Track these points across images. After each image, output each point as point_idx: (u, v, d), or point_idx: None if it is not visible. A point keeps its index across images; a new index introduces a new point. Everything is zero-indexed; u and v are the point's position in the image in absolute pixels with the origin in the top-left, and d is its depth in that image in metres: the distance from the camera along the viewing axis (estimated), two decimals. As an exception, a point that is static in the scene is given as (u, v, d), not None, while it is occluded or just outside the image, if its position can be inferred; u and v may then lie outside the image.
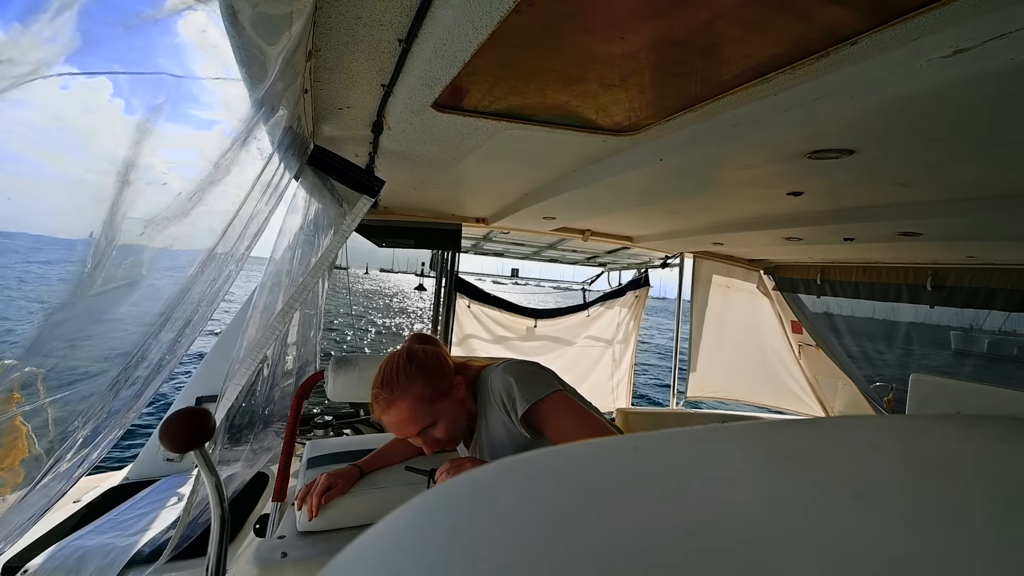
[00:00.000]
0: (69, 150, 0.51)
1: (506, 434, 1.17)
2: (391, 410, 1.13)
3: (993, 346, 2.66)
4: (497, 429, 1.19)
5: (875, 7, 0.68)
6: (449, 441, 1.17)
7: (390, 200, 2.46)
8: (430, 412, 1.13)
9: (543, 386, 1.14)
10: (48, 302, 0.58)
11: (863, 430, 0.42)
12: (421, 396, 1.13)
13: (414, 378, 1.14)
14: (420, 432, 1.14)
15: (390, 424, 1.14)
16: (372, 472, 1.43)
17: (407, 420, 1.12)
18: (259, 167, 0.88)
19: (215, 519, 0.90)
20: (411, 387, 1.13)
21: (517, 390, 1.13)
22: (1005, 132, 0.91)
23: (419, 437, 1.15)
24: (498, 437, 1.19)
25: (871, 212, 1.67)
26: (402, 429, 1.14)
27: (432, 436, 1.16)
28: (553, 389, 1.14)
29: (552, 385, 1.16)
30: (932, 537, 0.25)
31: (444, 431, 1.15)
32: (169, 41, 0.52)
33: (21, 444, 0.62)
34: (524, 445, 1.15)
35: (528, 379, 1.16)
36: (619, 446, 0.35)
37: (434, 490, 0.29)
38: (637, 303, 4.21)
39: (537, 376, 1.18)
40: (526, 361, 1.24)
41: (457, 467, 1.07)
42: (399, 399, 1.12)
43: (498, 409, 1.17)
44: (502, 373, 1.18)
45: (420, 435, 1.14)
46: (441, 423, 1.15)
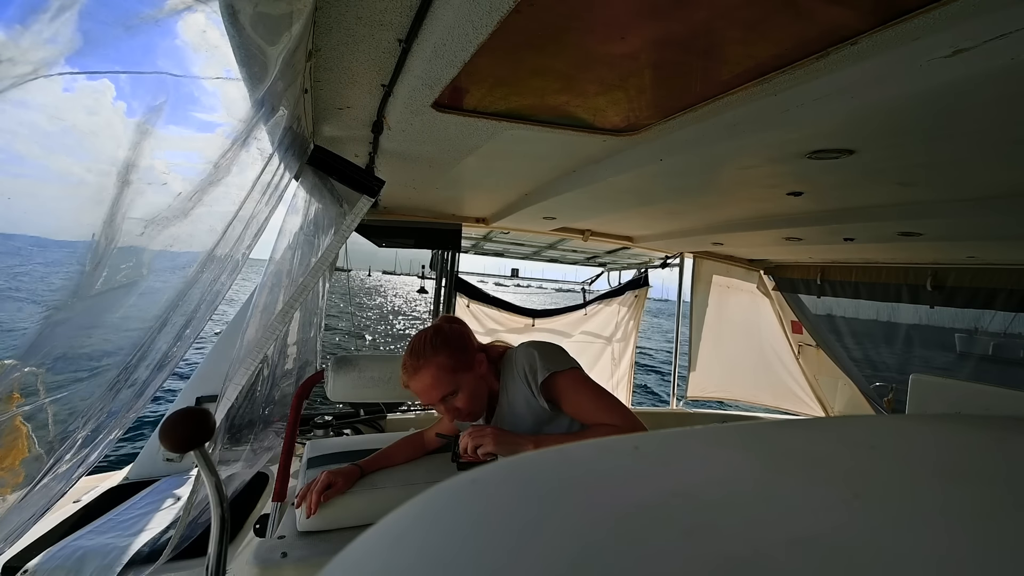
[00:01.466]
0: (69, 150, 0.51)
1: (526, 407, 1.26)
2: (417, 376, 1.22)
3: (998, 348, 2.65)
4: (518, 402, 1.28)
5: (875, 7, 0.68)
6: (469, 412, 1.25)
7: (390, 200, 2.46)
8: (452, 381, 1.22)
9: (564, 360, 1.26)
10: (48, 302, 0.58)
11: (863, 430, 0.42)
12: (444, 365, 1.22)
13: (439, 349, 1.23)
14: (442, 399, 1.23)
15: (416, 390, 1.24)
16: (373, 472, 1.43)
17: (431, 386, 1.21)
18: (259, 167, 0.88)
19: (215, 519, 0.90)
20: (436, 356, 1.22)
21: (539, 360, 1.24)
22: (1005, 132, 0.91)
23: (442, 404, 1.24)
24: (519, 410, 1.28)
25: (871, 212, 1.67)
26: (426, 394, 1.23)
27: (453, 404, 1.24)
28: (573, 365, 1.26)
29: (572, 362, 1.27)
30: (932, 537, 0.25)
31: (464, 400, 1.24)
32: (169, 41, 0.52)
33: (21, 444, 0.62)
34: (543, 417, 1.25)
35: (550, 353, 1.27)
36: (619, 446, 0.35)
37: (434, 490, 0.29)
38: (637, 303, 4.21)
39: (559, 352, 1.29)
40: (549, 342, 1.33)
41: (479, 433, 1.16)
42: (424, 366, 1.21)
43: (521, 382, 1.26)
44: (527, 347, 1.29)
45: (442, 402, 1.23)
46: (462, 393, 1.23)
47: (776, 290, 3.63)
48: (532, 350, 1.27)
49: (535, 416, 1.26)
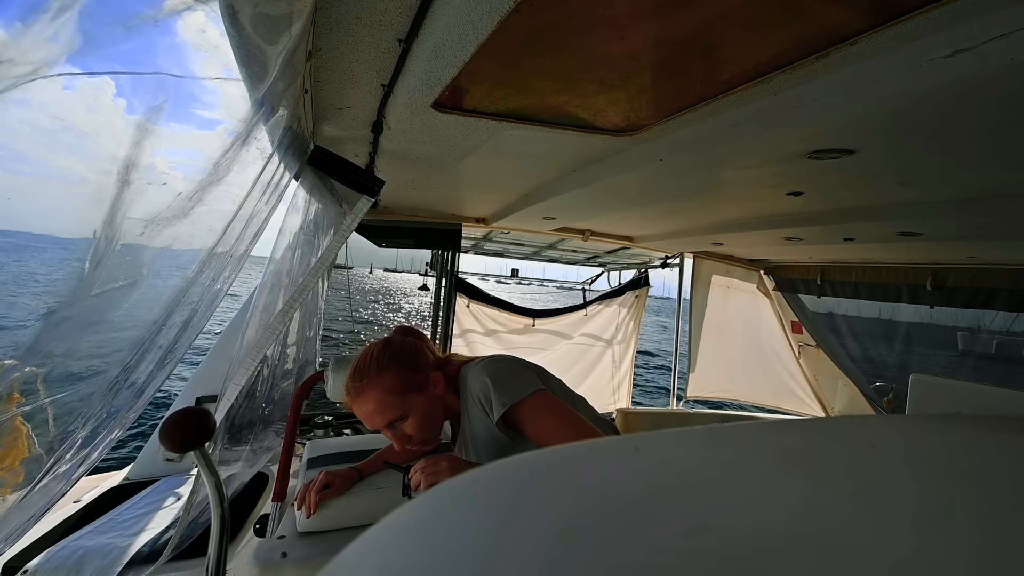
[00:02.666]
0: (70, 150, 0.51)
1: (487, 434, 1.13)
2: (360, 399, 1.10)
3: (1001, 347, 2.65)
4: (478, 428, 1.15)
5: (875, 7, 0.68)
6: (420, 440, 1.13)
7: (390, 200, 2.46)
8: (400, 404, 1.09)
9: (521, 387, 1.08)
10: (48, 302, 0.58)
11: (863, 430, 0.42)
12: (391, 387, 1.09)
13: (385, 368, 1.11)
14: (389, 425, 1.10)
15: (360, 415, 1.12)
16: (372, 474, 1.43)
17: (375, 411, 1.09)
18: (259, 167, 0.88)
19: (215, 519, 0.90)
20: (381, 377, 1.10)
21: (493, 392, 1.08)
22: (1005, 132, 0.91)
23: (389, 431, 1.12)
24: (480, 437, 1.15)
25: (871, 212, 1.67)
26: (370, 419, 1.10)
27: (402, 431, 1.11)
28: (532, 390, 1.08)
29: (532, 385, 1.09)
30: (932, 537, 0.25)
31: (415, 426, 1.11)
32: (169, 41, 0.52)
33: (21, 444, 0.62)
34: (506, 446, 1.11)
35: (505, 380, 1.10)
36: (619, 446, 0.35)
37: (434, 490, 0.29)
38: (637, 303, 4.21)
39: (516, 376, 1.11)
40: (506, 359, 1.18)
41: (432, 465, 1.02)
42: (368, 388, 1.09)
43: (478, 410, 1.13)
44: (479, 373, 1.13)
45: (389, 428, 1.11)
46: (412, 417, 1.10)
47: (776, 290, 3.64)
48: (485, 378, 1.11)
49: (497, 445, 1.12)
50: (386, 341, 1.18)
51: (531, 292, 32.99)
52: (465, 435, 1.20)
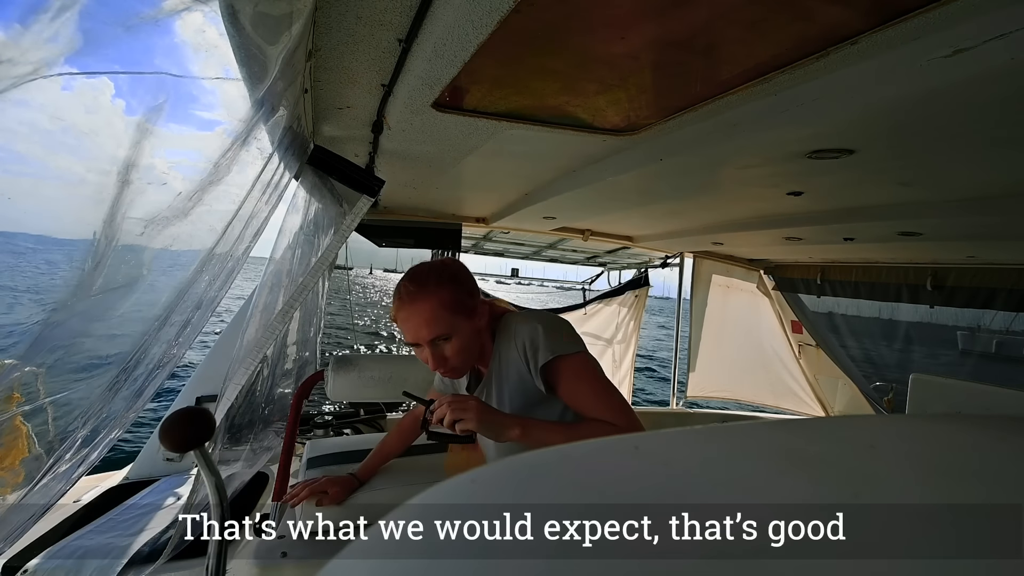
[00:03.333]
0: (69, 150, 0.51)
1: (519, 385, 1.11)
2: (413, 307, 1.04)
3: (1001, 346, 2.65)
4: (511, 375, 1.13)
5: (875, 7, 0.68)
6: (454, 367, 1.09)
7: (390, 200, 2.46)
8: (449, 323, 1.05)
9: (571, 344, 1.09)
10: (48, 302, 0.58)
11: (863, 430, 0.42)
12: (446, 303, 1.05)
13: (445, 283, 1.07)
14: (432, 341, 1.05)
15: (406, 322, 1.06)
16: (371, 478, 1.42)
17: (425, 322, 1.04)
18: (259, 167, 0.88)
19: (215, 518, 0.90)
20: (440, 290, 1.05)
21: (544, 339, 1.06)
22: (1005, 132, 0.91)
23: (428, 348, 1.06)
24: (511, 387, 1.13)
25: (871, 212, 1.67)
26: (416, 331, 1.05)
27: (441, 352, 1.07)
28: (580, 348, 1.10)
29: (579, 344, 1.10)
30: (932, 537, 0.25)
31: (455, 350, 1.07)
32: (169, 41, 0.52)
33: (21, 444, 0.62)
34: (534, 398, 1.10)
35: (558, 331, 1.10)
36: (619, 446, 0.35)
37: (433, 490, 0.29)
38: (637, 303, 4.20)
39: (566, 330, 1.12)
40: (559, 317, 1.16)
41: (460, 403, 0.99)
42: (424, 297, 1.04)
43: (517, 356, 1.10)
44: (531, 319, 1.12)
45: (431, 345, 1.06)
46: (455, 340, 1.06)
47: (776, 290, 3.64)
48: (537, 324, 1.09)
49: (526, 395, 1.11)
50: (444, 261, 1.15)
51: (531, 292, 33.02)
52: (491, 383, 1.17)
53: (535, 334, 1.08)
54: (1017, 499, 0.30)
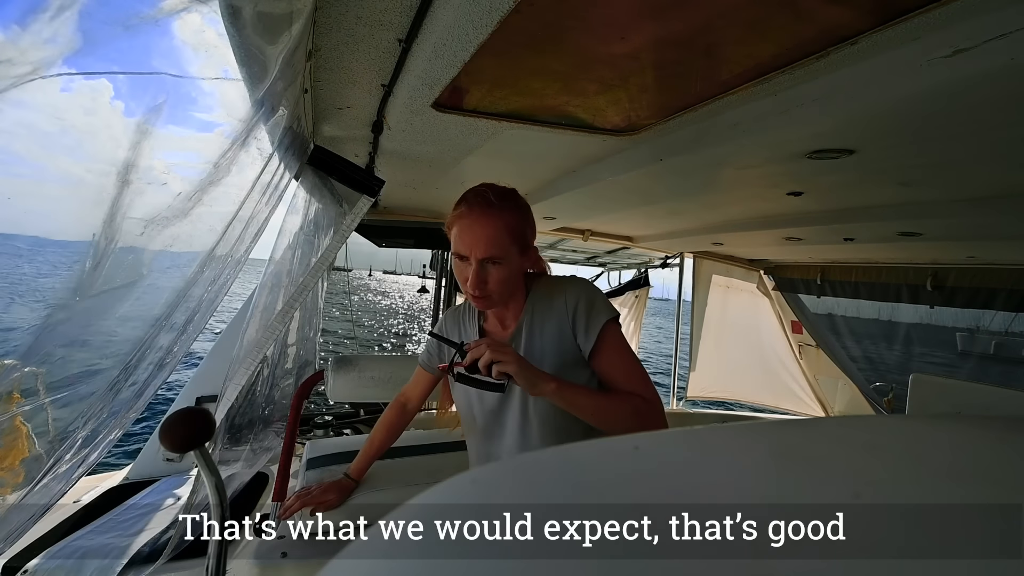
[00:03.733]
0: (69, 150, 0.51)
1: (557, 343, 1.09)
2: (484, 218, 0.99)
3: (999, 347, 2.65)
4: (547, 332, 1.10)
5: (875, 7, 0.68)
6: (491, 294, 1.04)
7: (390, 200, 2.46)
8: (508, 247, 1.01)
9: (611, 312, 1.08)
10: (48, 302, 0.58)
11: (863, 430, 0.42)
12: (512, 226, 1.02)
13: (518, 208, 1.05)
14: (484, 260, 1.01)
15: (467, 230, 1.00)
16: (369, 473, 1.41)
17: (490, 236, 0.99)
18: (259, 167, 0.88)
19: (215, 519, 0.90)
20: (513, 212, 1.03)
21: (600, 300, 1.07)
22: (1005, 132, 0.91)
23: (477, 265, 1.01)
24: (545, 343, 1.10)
25: (871, 212, 1.67)
26: (477, 243, 1.00)
27: (486, 273, 1.02)
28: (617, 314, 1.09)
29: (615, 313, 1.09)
30: (932, 537, 0.25)
31: (498, 277, 1.02)
32: (169, 41, 0.52)
33: (21, 444, 0.62)
34: (569, 359, 1.08)
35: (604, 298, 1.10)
36: (619, 446, 0.35)
37: (433, 490, 0.29)
38: (637, 303, 4.20)
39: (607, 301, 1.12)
40: None
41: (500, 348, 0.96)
42: (496, 213, 1.00)
43: (562, 314, 1.08)
44: (577, 283, 1.12)
45: (479, 263, 1.01)
46: (504, 267, 1.02)
47: (776, 290, 3.63)
48: (594, 289, 1.10)
49: (561, 355, 1.08)
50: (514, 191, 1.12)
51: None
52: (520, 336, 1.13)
53: (592, 295, 1.08)
54: (1017, 499, 0.30)
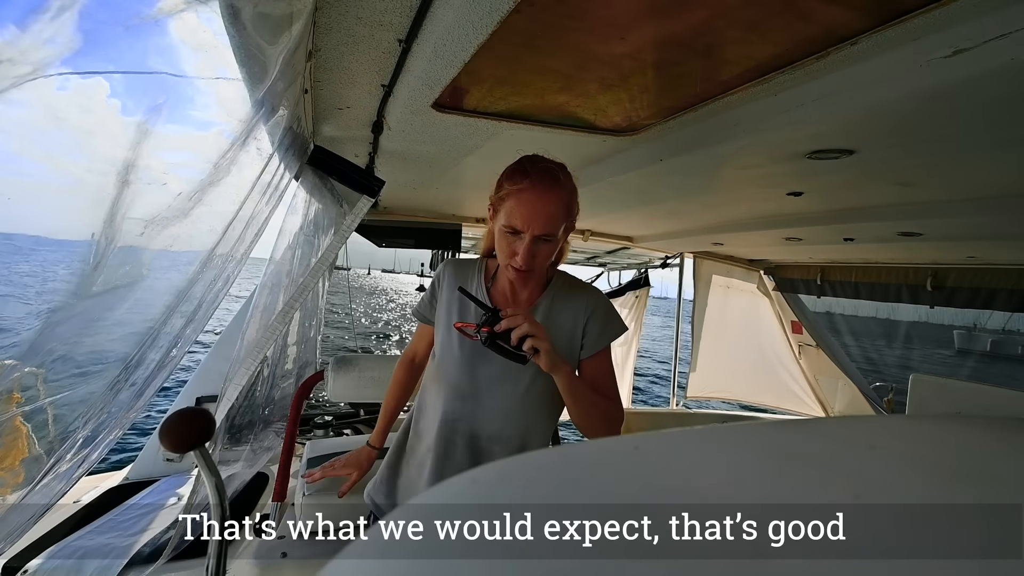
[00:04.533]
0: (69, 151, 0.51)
1: (568, 339, 1.12)
2: (546, 193, 0.98)
3: (996, 345, 2.66)
4: (562, 327, 1.13)
5: (875, 7, 0.68)
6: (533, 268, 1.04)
7: (390, 200, 2.46)
8: (560, 226, 1.02)
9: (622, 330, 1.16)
10: (48, 302, 0.58)
11: (863, 430, 0.42)
12: (568, 206, 1.03)
13: (574, 189, 1.06)
14: (541, 236, 1.00)
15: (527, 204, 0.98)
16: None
17: (548, 214, 0.98)
18: (259, 167, 0.88)
19: (215, 519, 0.90)
20: (572, 193, 1.05)
21: (617, 320, 1.14)
22: (1005, 132, 0.91)
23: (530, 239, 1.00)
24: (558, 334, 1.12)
25: (871, 212, 1.67)
26: (538, 217, 0.98)
27: (536, 248, 1.01)
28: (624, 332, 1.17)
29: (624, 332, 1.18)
30: (932, 537, 0.25)
31: (546, 253, 1.03)
32: (169, 41, 0.52)
33: (21, 444, 0.62)
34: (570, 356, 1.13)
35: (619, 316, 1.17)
36: (619, 446, 0.35)
37: (433, 490, 0.29)
38: (638, 303, 4.20)
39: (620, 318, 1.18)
40: None
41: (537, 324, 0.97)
42: (559, 190, 1.00)
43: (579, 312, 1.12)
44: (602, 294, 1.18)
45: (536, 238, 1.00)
46: (552, 244, 1.03)
47: (776, 290, 3.63)
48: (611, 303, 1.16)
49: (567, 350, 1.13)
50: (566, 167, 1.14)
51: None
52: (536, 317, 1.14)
53: (611, 312, 1.15)
54: (1017, 499, 0.30)
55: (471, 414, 1.13)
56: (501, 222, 1.03)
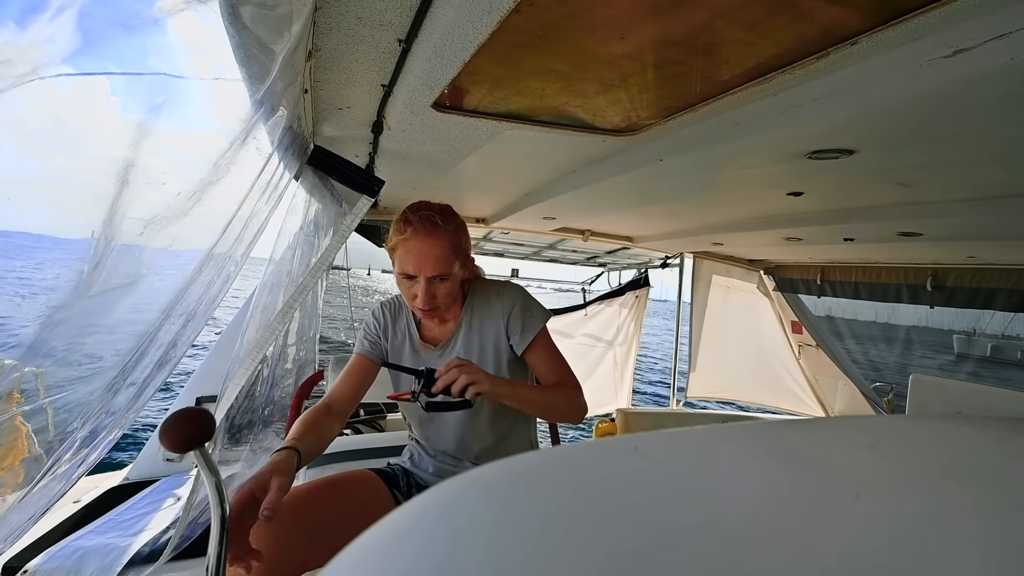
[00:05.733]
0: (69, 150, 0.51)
1: (494, 344, 1.18)
2: (428, 238, 1.05)
3: (996, 350, 2.66)
4: (486, 336, 1.18)
5: (875, 7, 0.68)
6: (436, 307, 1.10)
7: (390, 200, 2.46)
8: (452, 264, 1.08)
9: (544, 316, 1.21)
10: (48, 302, 0.58)
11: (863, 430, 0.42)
12: (456, 245, 1.09)
13: (458, 225, 1.12)
14: (435, 277, 1.06)
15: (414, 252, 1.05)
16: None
17: (435, 257, 1.05)
18: (259, 167, 0.88)
19: (215, 519, 0.90)
20: (455, 231, 1.10)
21: (536, 310, 1.18)
22: (1005, 132, 0.91)
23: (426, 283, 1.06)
24: (484, 344, 1.18)
25: (871, 212, 1.67)
26: (426, 262, 1.05)
27: (435, 289, 1.07)
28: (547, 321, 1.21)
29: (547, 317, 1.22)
30: (932, 537, 0.25)
31: (446, 291, 1.10)
32: (169, 41, 0.52)
33: (21, 444, 0.62)
34: (504, 360, 1.18)
35: (538, 304, 1.22)
36: (619, 446, 0.35)
37: (434, 490, 0.29)
38: (638, 304, 4.20)
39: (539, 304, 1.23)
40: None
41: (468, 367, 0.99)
42: (441, 233, 1.07)
43: (499, 319, 1.17)
44: (513, 288, 1.22)
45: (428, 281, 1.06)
46: (450, 282, 1.10)
47: (776, 290, 3.63)
48: (527, 294, 1.20)
49: (498, 357, 1.17)
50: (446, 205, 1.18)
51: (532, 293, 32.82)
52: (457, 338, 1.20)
53: (527, 304, 1.19)
54: (1017, 499, 0.30)
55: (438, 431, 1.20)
56: (397, 270, 1.10)
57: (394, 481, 1.21)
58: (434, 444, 1.23)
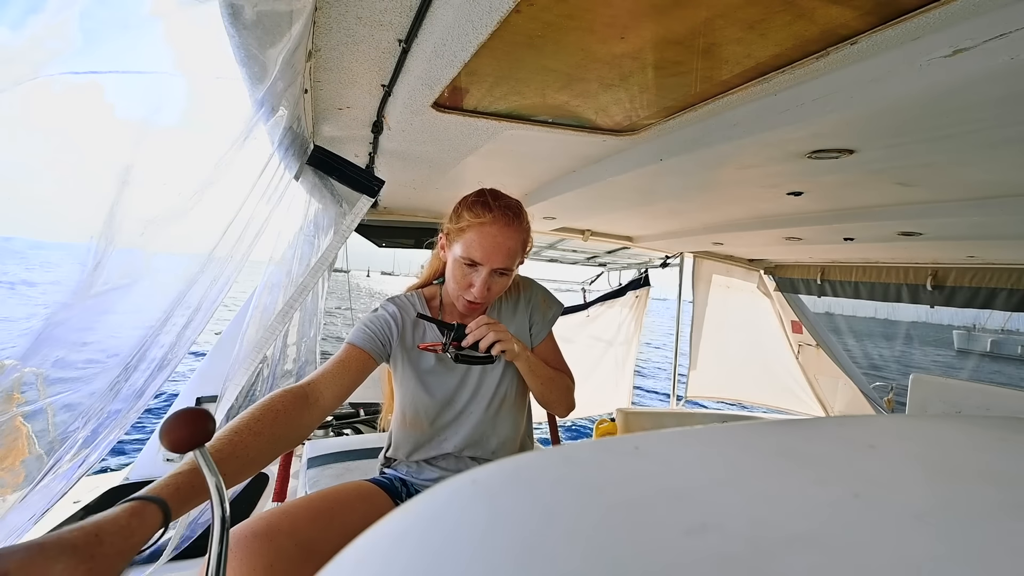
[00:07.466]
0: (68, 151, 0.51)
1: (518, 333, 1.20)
2: (506, 229, 1.02)
3: (996, 345, 2.66)
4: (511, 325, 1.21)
5: (875, 7, 0.68)
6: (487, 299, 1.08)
7: (390, 200, 2.46)
8: (515, 261, 1.08)
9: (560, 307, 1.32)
10: (48, 302, 0.58)
11: (863, 430, 0.42)
12: (525, 242, 1.10)
13: (529, 227, 1.12)
14: (501, 267, 1.04)
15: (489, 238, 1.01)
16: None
17: (508, 250, 1.03)
18: (259, 168, 0.88)
19: (215, 519, 0.90)
20: (528, 231, 1.11)
21: (554, 301, 1.29)
22: (1005, 132, 0.91)
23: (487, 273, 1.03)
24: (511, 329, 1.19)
25: (871, 212, 1.67)
26: (497, 253, 1.02)
27: (494, 281, 1.06)
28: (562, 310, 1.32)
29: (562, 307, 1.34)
30: (932, 537, 0.25)
31: (501, 286, 1.08)
32: (169, 41, 0.52)
33: (21, 444, 0.62)
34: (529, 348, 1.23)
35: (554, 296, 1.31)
36: (619, 446, 0.35)
37: (433, 490, 0.29)
38: (638, 303, 4.20)
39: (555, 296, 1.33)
40: None
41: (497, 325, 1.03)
42: (519, 227, 1.06)
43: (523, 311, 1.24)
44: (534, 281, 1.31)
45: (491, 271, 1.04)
46: (508, 276, 1.09)
47: (776, 290, 3.63)
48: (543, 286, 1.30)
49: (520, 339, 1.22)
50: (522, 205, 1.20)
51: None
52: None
53: (549, 298, 1.29)
54: (1018, 498, 0.30)
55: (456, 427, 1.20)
56: (458, 253, 1.05)
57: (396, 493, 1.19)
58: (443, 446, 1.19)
